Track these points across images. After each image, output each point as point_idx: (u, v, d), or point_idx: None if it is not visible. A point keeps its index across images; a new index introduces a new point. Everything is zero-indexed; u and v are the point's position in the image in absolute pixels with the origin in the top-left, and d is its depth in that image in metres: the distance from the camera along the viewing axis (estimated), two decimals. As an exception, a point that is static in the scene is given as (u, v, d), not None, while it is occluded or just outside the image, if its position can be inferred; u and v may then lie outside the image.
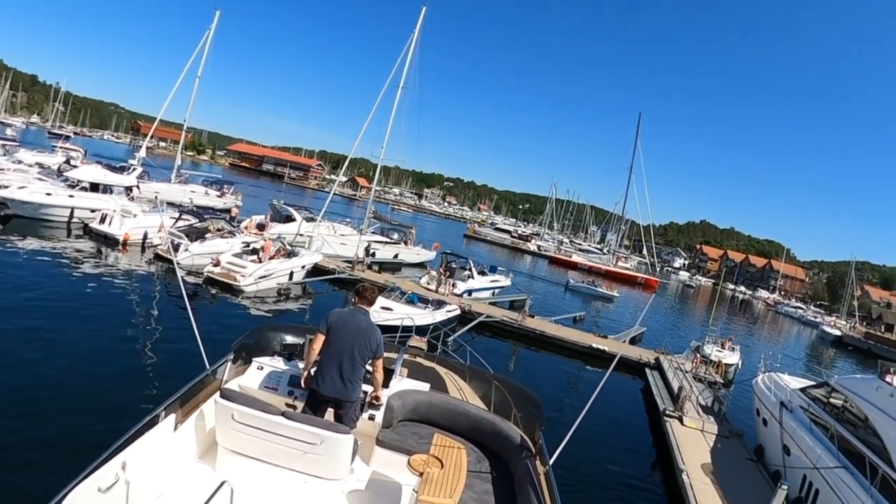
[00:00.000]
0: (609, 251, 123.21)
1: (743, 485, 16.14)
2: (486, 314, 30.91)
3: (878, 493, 12.88)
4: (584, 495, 15.28)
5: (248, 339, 8.33)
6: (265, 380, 7.86)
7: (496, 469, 7.06)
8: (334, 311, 7.59)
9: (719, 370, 30.92)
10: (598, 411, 22.41)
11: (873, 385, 14.81)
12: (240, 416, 5.71)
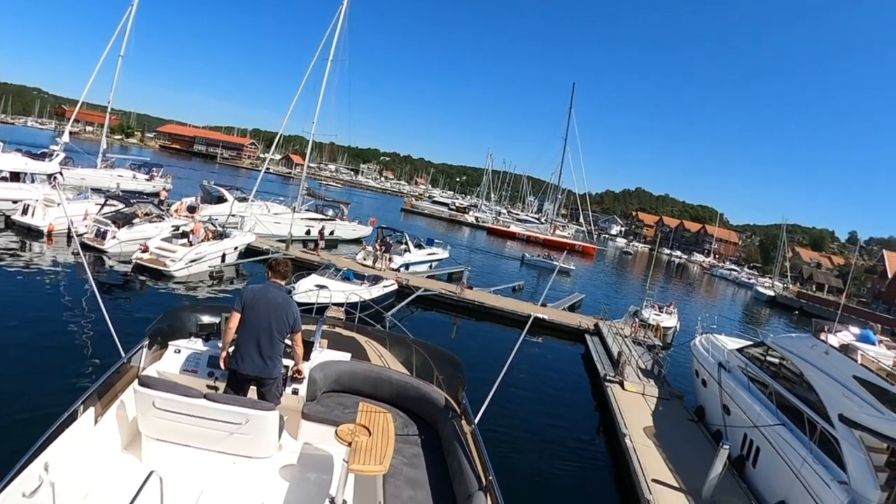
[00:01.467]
0: (546, 220, 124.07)
1: (685, 445, 16.29)
2: (424, 288, 30.62)
3: (818, 448, 13.02)
4: (528, 459, 15.28)
5: (162, 323, 8.04)
6: (184, 363, 7.61)
7: (423, 432, 7.18)
8: (248, 287, 7.38)
9: (658, 333, 31.28)
10: (540, 378, 22.41)
11: (808, 343, 15.01)
12: (161, 402, 5.54)
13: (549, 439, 16.84)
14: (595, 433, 18.56)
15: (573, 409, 20.29)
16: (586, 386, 22.91)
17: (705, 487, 13.25)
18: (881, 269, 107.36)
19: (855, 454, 12.07)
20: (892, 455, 12.22)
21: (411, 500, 5.85)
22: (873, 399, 12.14)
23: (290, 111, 42.39)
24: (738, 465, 15.26)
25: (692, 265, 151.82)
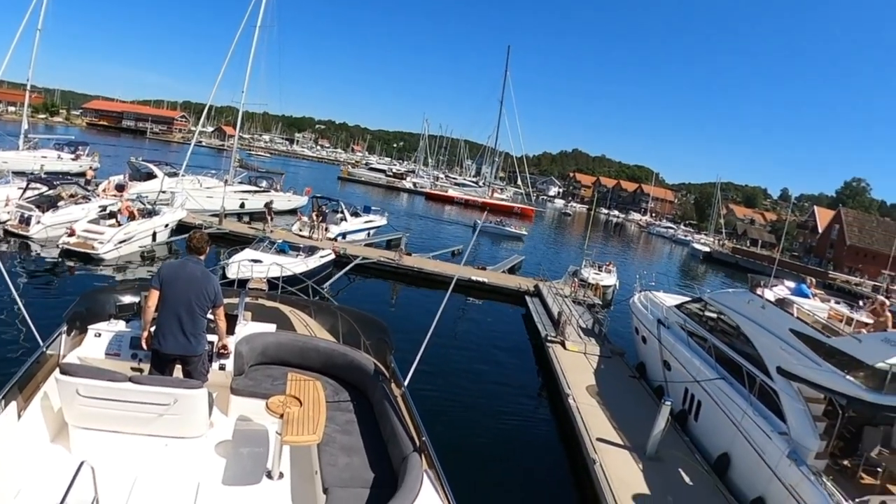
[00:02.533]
0: (484, 184, 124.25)
1: (628, 402, 16.46)
2: (362, 256, 30.15)
3: (757, 400, 13.23)
4: (471, 420, 15.28)
5: (79, 307, 7.67)
6: (106, 347, 7.32)
7: (354, 398, 7.19)
8: (165, 263, 7.23)
9: (597, 292, 31.57)
10: (482, 341, 22.29)
11: (745, 298, 15.22)
12: (85, 389, 5.34)
13: (492, 401, 16.87)
14: (538, 394, 18.62)
15: (515, 370, 20.29)
16: (528, 347, 22.96)
17: (649, 444, 13.40)
18: (812, 224, 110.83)
19: (794, 405, 12.31)
20: (829, 405, 12.47)
21: (347, 466, 5.80)
22: (810, 351, 12.37)
23: (219, 80, 40.99)
24: (680, 419, 15.48)
25: (629, 224, 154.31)
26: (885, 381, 10.78)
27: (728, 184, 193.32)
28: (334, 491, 5.31)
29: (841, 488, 10.71)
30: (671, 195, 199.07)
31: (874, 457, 12.55)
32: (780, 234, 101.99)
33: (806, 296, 15.19)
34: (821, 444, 11.60)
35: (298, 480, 5.91)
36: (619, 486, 11.87)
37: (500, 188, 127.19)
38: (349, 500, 5.26)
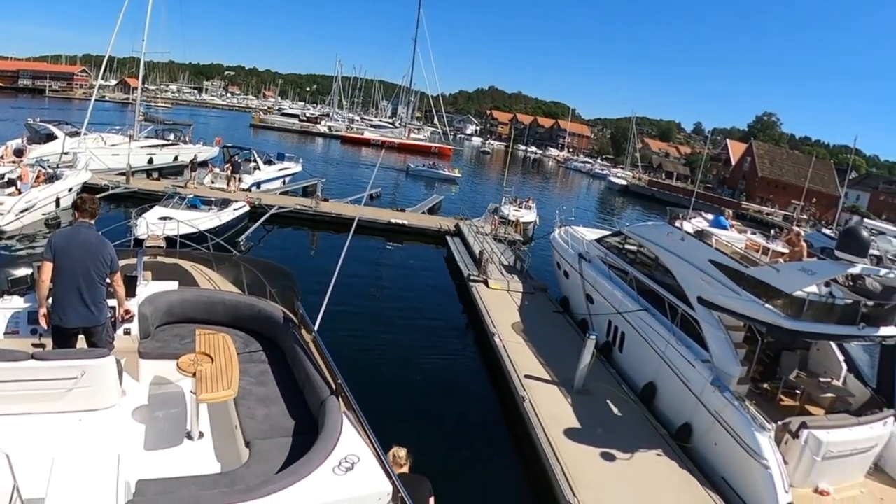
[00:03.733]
0: (401, 124, 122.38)
1: (553, 337, 16.58)
2: (278, 205, 29.16)
3: (680, 330, 13.43)
4: (395, 362, 15.21)
5: None
6: (2, 325, 6.87)
7: (265, 348, 7.08)
8: (57, 232, 6.81)
9: (518, 229, 31.65)
10: (405, 283, 21.99)
11: (664, 231, 15.37)
12: None
13: (415, 343, 16.83)
14: (464, 334, 18.57)
15: (439, 311, 20.22)
16: (451, 287, 22.91)
17: (576, 377, 13.59)
18: (725, 157, 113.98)
19: (715, 333, 12.60)
20: (749, 332, 12.78)
21: (266, 417, 5.72)
22: (729, 281, 12.64)
23: (117, 29, 38.03)
24: (605, 351, 15.71)
25: (548, 160, 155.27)
26: (803, 308, 11.10)
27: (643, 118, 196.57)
28: (256, 443, 5.22)
29: (763, 411, 11.07)
30: (588, 130, 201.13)
31: (792, 380, 13.01)
32: (695, 166, 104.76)
33: (724, 227, 15.39)
34: (742, 369, 11.97)
35: (219, 437, 5.81)
36: (549, 421, 12.01)
37: (417, 128, 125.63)
38: (271, 451, 5.16)
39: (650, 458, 11.47)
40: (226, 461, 5.50)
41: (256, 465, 4.94)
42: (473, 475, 11.04)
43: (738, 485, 10.81)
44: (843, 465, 11.19)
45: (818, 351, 13.84)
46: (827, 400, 12.59)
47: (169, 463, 5.19)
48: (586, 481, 10.26)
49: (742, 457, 10.64)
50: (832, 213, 74.08)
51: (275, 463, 5.01)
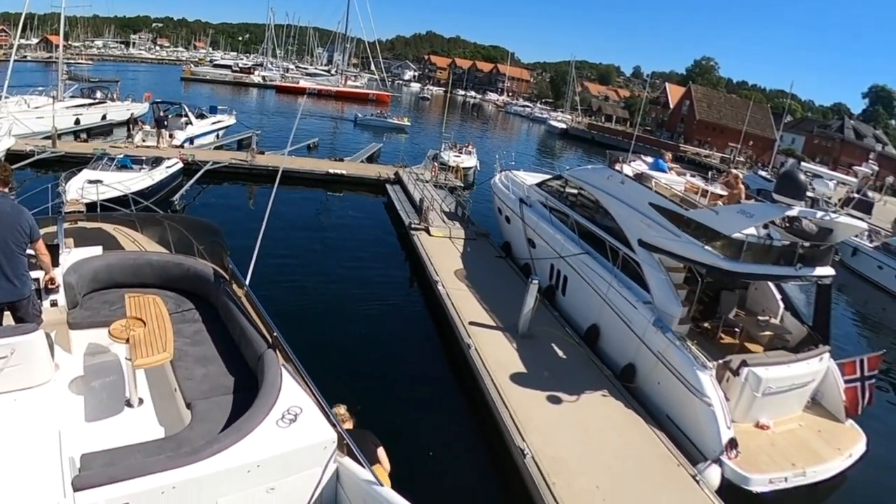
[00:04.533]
0: (337, 72, 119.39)
1: (496, 283, 16.53)
2: (212, 161, 27.93)
3: (621, 273, 13.48)
4: (338, 314, 14.89)
5: None
6: None
7: (198, 307, 6.90)
8: None
9: (458, 175, 31.43)
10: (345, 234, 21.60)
11: (605, 174, 15.32)
12: None
13: (357, 293, 16.56)
14: (407, 283, 18.41)
15: (381, 261, 19.93)
16: (392, 236, 22.64)
17: (521, 322, 13.64)
18: (664, 100, 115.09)
19: (656, 275, 12.71)
20: (689, 272, 12.85)
21: (205, 377, 5.61)
22: (669, 223, 12.76)
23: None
24: (548, 295, 15.74)
25: (487, 104, 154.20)
26: (742, 250, 11.27)
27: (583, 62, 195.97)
28: (197, 404, 5.15)
29: (704, 350, 11.27)
30: (527, 74, 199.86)
31: (732, 319, 13.29)
32: (634, 110, 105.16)
33: (663, 170, 15.45)
34: (683, 310, 12.13)
35: (160, 402, 5.71)
36: (496, 367, 12.03)
37: (354, 75, 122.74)
38: (214, 410, 5.10)
39: (596, 400, 11.62)
40: (169, 425, 5.41)
41: (200, 425, 4.87)
42: (422, 425, 10.98)
43: (682, 422, 11.02)
44: (782, 401, 11.52)
45: (756, 290, 14.15)
46: (765, 338, 12.90)
47: (111, 433, 5.03)
48: (534, 425, 10.32)
49: (685, 395, 10.83)
50: (768, 155, 75.77)
51: (218, 422, 4.94)
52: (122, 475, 4.00)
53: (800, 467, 10.46)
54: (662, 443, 10.61)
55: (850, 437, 11.87)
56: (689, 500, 9.39)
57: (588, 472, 9.49)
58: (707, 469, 10.03)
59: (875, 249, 31.70)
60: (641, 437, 10.73)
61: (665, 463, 10.18)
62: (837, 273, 12.35)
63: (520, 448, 9.65)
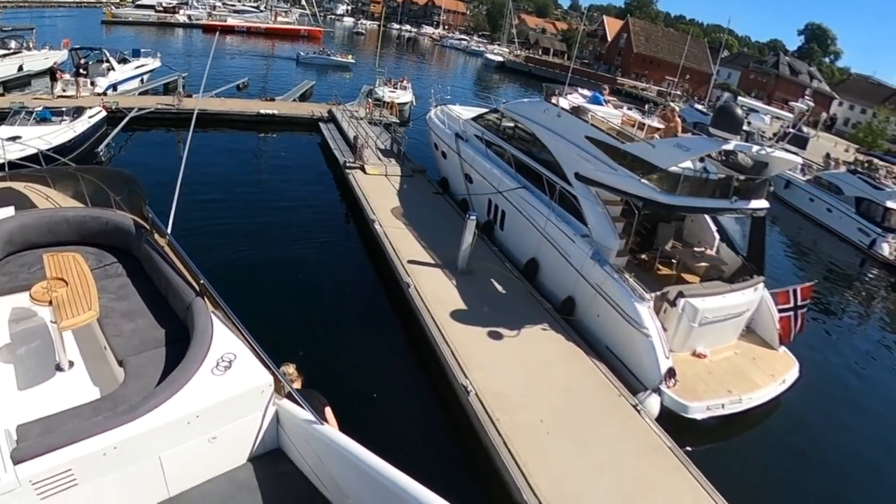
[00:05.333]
0: (267, 8, 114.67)
1: (434, 220, 16.35)
2: (138, 107, 26.18)
3: (559, 206, 13.39)
4: (269, 260, 14.40)
5: None
6: None
7: (121, 260, 6.57)
8: None
9: (393, 111, 30.65)
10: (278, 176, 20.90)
11: (541, 108, 15.10)
12: None
13: (292, 236, 16.12)
14: (343, 223, 17.99)
15: (316, 202, 19.36)
16: (328, 176, 22.06)
17: (459, 258, 13.52)
18: (601, 33, 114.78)
19: (593, 209, 12.68)
20: (626, 205, 12.82)
21: (135, 332, 5.40)
22: (606, 157, 12.67)
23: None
24: (486, 231, 15.67)
25: (422, 38, 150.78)
26: (678, 183, 11.27)
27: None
28: (130, 360, 4.95)
29: (641, 282, 11.35)
30: (463, 7, 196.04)
31: (668, 250, 13.35)
32: (571, 43, 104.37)
33: (600, 103, 15.25)
34: (620, 243, 12.15)
35: (91, 362, 5.44)
36: (436, 304, 11.92)
37: (284, 11, 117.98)
38: (147, 365, 4.93)
39: (537, 334, 11.67)
40: (103, 385, 5.18)
41: (134, 382, 4.72)
42: (365, 367, 10.85)
43: (621, 353, 11.12)
44: (718, 330, 11.73)
45: (692, 223, 14.30)
46: (701, 269, 13.09)
47: (45, 400, 4.77)
48: (476, 362, 10.29)
49: (624, 327, 10.91)
50: (704, 89, 76.65)
51: (152, 376, 4.78)
52: (61, 442, 3.85)
53: (736, 394, 10.72)
54: (603, 374, 10.73)
55: (783, 363, 12.28)
56: (631, 429, 9.52)
57: (531, 406, 9.55)
58: (647, 398, 10.17)
59: (807, 183, 32.65)
60: (582, 369, 10.83)
61: (606, 394, 10.29)
62: (770, 205, 12.51)
63: (463, 385, 9.58)
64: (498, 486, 8.35)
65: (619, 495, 8.19)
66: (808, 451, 11.56)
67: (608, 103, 15.71)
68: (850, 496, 10.77)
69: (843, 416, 13.19)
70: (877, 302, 23.36)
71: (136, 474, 4.20)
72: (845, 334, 18.69)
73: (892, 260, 26.33)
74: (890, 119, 62.73)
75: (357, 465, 4.10)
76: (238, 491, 4.61)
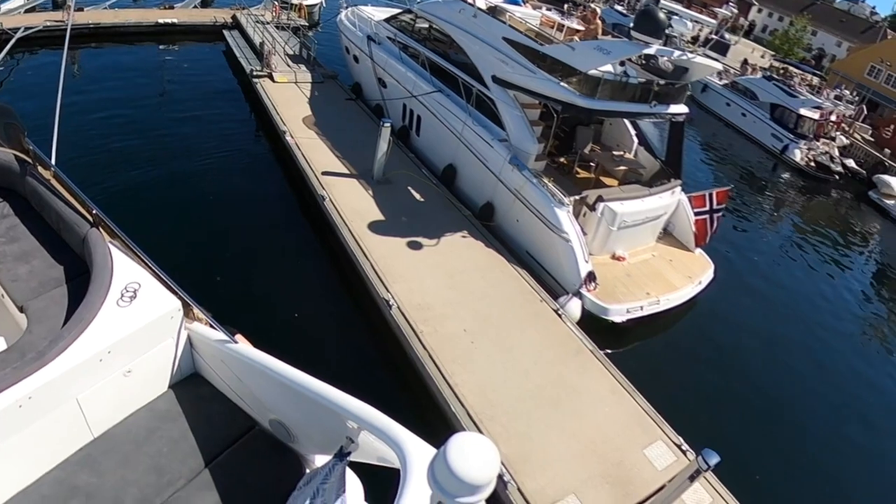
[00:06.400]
0: None
1: (347, 128, 15.85)
2: (24, 26, 23.22)
3: (476, 110, 13.10)
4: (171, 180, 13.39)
5: None
6: None
7: (6, 199, 5.99)
8: None
9: (302, 13, 29.05)
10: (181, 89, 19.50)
11: (456, 7, 14.55)
12: None
13: (198, 154, 14.95)
14: (253, 136, 17.08)
15: (222, 115, 18.17)
16: (234, 87, 20.80)
17: (375, 167, 13.13)
18: None
19: (511, 112, 12.41)
20: (544, 108, 12.51)
21: (31, 274, 5.01)
22: (524, 59, 12.25)
23: None
24: (402, 137, 15.34)
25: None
26: (598, 87, 11.08)
27: None
28: (30, 305, 4.62)
29: (560, 186, 11.29)
30: None
31: (587, 154, 13.13)
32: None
33: (518, 3, 14.71)
34: (539, 146, 11.96)
35: None
36: (353, 217, 11.58)
37: None
38: (49, 307, 4.60)
39: (457, 241, 11.53)
40: (6, 334, 5.07)
41: (39, 326, 4.40)
42: (283, 287, 10.54)
43: (542, 258, 11.10)
44: (637, 233, 11.85)
45: (611, 126, 14.25)
46: (620, 172, 13.11)
47: None
48: (397, 274, 10.09)
49: (544, 231, 10.87)
50: (625, -10, 75.36)
51: (57, 318, 4.48)
52: None
53: (654, 296, 10.91)
54: (524, 280, 10.73)
55: (699, 264, 12.60)
56: (553, 334, 9.57)
57: (454, 316, 9.48)
58: (568, 302, 10.20)
59: (724, 87, 33.10)
60: (504, 275, 10.79)
61: (528, 300, 10.29)
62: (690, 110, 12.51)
63: (385, 299, 9.36)
64: (426, 398, 8.35)
65: (544, 399, 8.24)
66: (721, 349, 12.05)
67: (527, 3, 15.22)
68: (761, 386, 11.32)
69: (754, 313, 13.83)
70: (787, 205, 24.49)
71: (56, 422, 4.01)
72: (757, 235, 19.44)
73: (802, 165, 27.52)
74: (807, 28, 64.06)
75: (277, 380, 4.01)
76: (161, 421, 4.52)
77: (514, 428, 7.75)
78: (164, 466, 4.27)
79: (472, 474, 2.07)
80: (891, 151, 30.87)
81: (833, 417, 11.49)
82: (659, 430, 8.40)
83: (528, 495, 6.96)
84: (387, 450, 3.47)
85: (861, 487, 10.12)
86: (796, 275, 17.34)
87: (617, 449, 7.87)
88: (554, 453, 7.57)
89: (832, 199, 27.15)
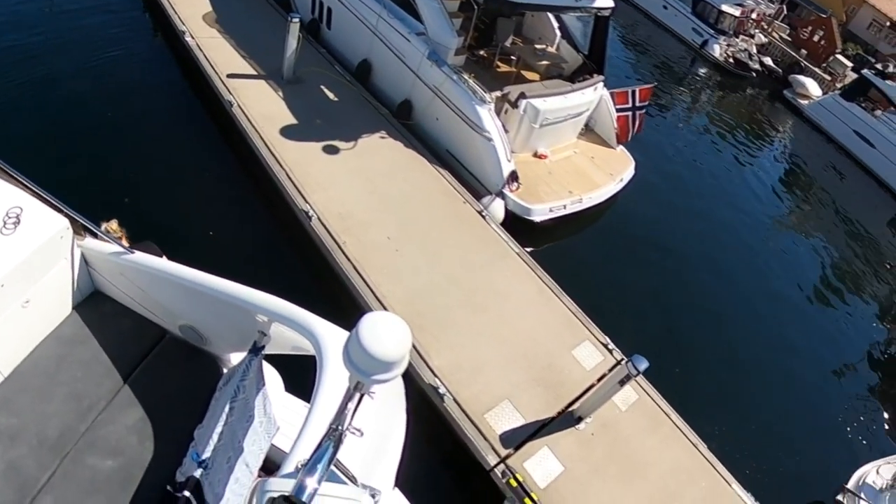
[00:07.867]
0: None
1: (253, 24, 14.53)
2: None
3: (390, 1, 12.27)
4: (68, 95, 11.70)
5: None
6: None
7: None
8: None
9: None
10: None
11: None
12: None
13: (86, 65, 12.84)
14: (149, 39, 15.11)
15: (112, 16, 15.57)
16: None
17: (284, 67, 12.15)
18: None
19: (429, 3, 11.64)
20: (463, 0, 11.66)
21: None
22: None
23: None
24: (312, 32, 14.22)
25: None
26: None
27: None
28: None
29: (481, 81, 10.79)
30: None
31: (508, 46, 12.60)
32: None
33: None
34: (458, 40, 11.21)
35: None
36: (263, 122, 10.80)
37: None
38: None
39: (375, 143, 11.06)
40: None
41: None
42: (194, 203, 9.80)
43: (463, 158, 10.80)
44: (559, 130, 11.61)
45: (533, 17, 13.61)
46: (542, 66, 12.72)
47: None
48: (315, 182, 9.65)
49: (465, 130, 10.55)
50: None
51: None
52: None
53: (577, 194, 10.82)
54: (447, 181, 10.48)
55: (620, 162, 12.55)
56: (479, 237, 9.43)
57: (377, 223, 9.19)
58: (491, 203, 10.01)
59: None
60: (425, 177, 10.48)
61: (451, 201, 10.07)
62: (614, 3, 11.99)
63: (303, 211, 8.94)
64: (356, 311, 7.98)
65: (473, 306, 8.16)
66: (639, 246, 12.15)
67: None
68: (680, 279, 11.62)
69: (672, 209, 14.03)
70: (704, 99, 24.79)
71: None
72: (674, 131, 19.63)
73: (721, 61, 27.62)
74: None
75: (180, 284, 4.00)
76: (69, 346, 4.36)
77: (445, 338, 7.68)
78: (82, 392, 4.15)
79: (386, 351, 2.07)
80: (807, 52, 31.08)
81: (748, 303, 11.99)
82: (586, 330, 8.50)
83: (464, 404, 6.97)
84: (300, 338, 3.50)
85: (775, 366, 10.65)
86: (713, 170, 17.68)
87: (547, 352, 7.93)
88: (486, 360, 7.58)
89: (748, 96, 27.41)
